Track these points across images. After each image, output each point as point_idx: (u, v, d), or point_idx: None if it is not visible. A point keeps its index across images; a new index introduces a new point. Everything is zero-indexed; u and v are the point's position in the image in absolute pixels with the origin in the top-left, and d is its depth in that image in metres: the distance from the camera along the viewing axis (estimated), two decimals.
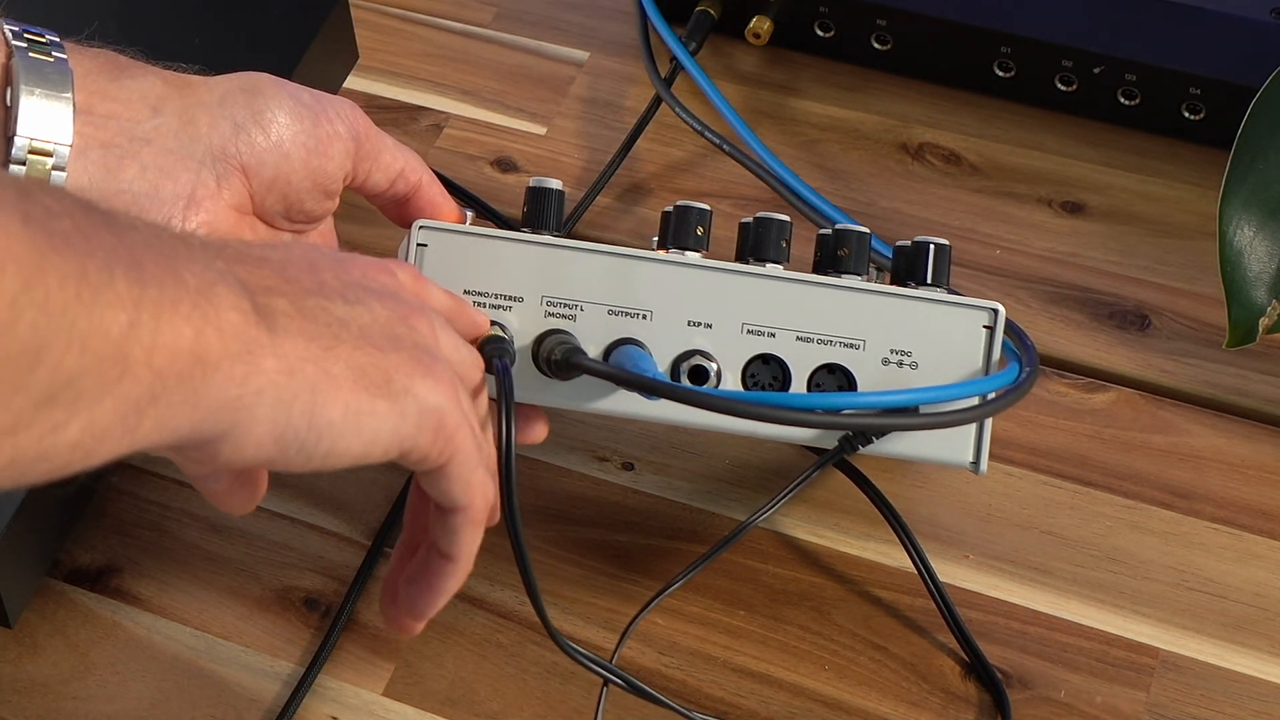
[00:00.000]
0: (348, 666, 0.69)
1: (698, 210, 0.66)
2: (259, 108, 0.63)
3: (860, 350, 0.65)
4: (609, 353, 0.65)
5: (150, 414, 0.45)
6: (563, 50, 0.92)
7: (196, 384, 0.46)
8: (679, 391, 0.61)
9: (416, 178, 0.67)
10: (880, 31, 0.87)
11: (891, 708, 0.67)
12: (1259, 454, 0.74)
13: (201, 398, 0.47)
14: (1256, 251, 0.73)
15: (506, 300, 0.64)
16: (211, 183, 0.61)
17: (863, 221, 0.80)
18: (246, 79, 0.64)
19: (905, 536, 0.70)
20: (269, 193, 0.63)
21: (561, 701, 0.68)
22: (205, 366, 0.46)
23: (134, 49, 0.63)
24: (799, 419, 0.62)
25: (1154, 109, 0.84)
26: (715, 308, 0.65)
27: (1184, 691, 0.68)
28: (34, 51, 0.59)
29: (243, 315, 0.48)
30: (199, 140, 0.62)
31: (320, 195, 0.65)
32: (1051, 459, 0.74)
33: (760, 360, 0.65)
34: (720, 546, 0.70)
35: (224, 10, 0.80)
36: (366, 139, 0.65)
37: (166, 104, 0.62)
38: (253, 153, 0.62)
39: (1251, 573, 0.71)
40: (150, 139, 0.61)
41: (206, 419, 0.47)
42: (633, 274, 0.65)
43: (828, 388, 0.65)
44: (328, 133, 0.64)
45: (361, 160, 0.65)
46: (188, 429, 0.47)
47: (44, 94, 0.58)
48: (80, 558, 0.72)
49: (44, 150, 0.58)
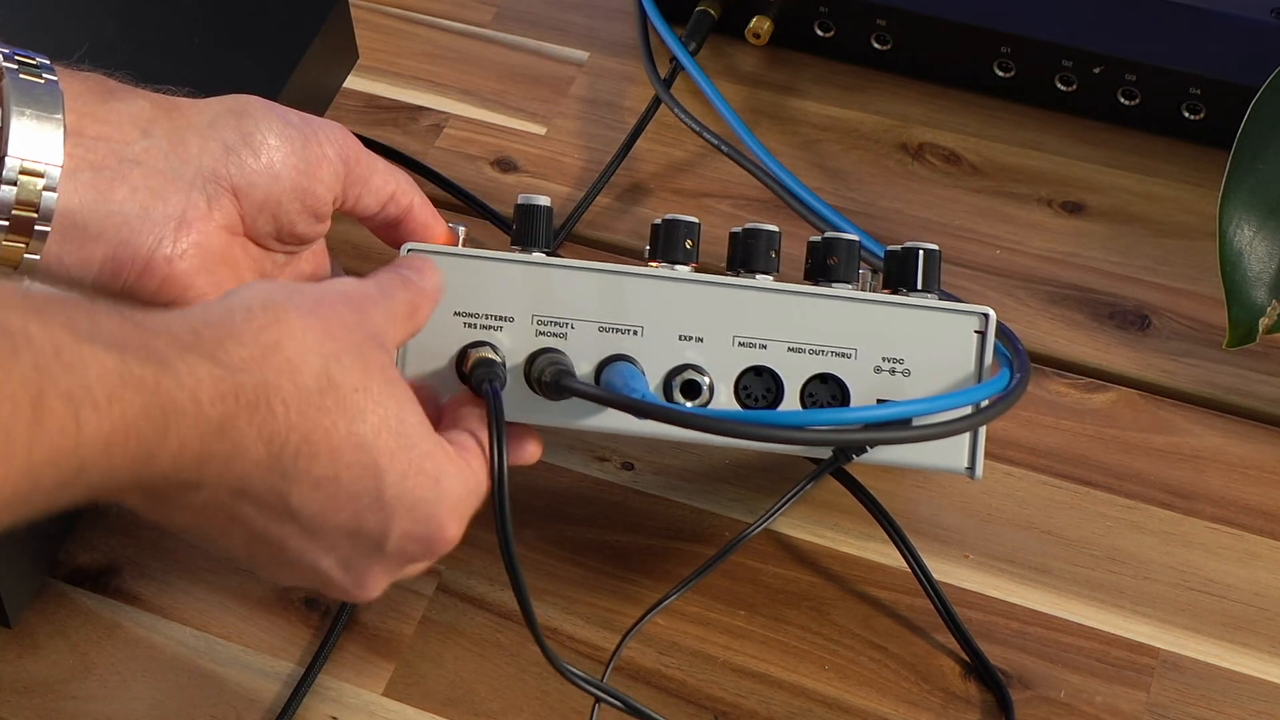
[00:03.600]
0: (348, 666, 0.69)
1: (685, 223, 0.66)
2: (249, 130, 0.63)
3: (852, 359, 0.65)
4: (601, 369, 0.64)
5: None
6: (563, 50, 0.92)
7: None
8: (669, 413, 0.60)
9: (408, 201, 0.67)
10: (880, 31, 0.87)
11: (891, 708, 0.67)
12: (1259, 454, 0.74)
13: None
14: (1256, 251, 0.73)
15: (497, 320, 0.64)
16: (202, 204, 0.61)
17: (862, 221, 0.80)
18: (236, 101, 0.64)
19: (900, 541, 0.70)
20: (260, 214, 0.63)
21: (561, 701, 0.68)
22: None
23: (123, 72, 0.63)
24: (790, 437, 0.61)
25: (1154, 109, 0.84)
26: (706, 321, 0.65)
27: (1184, 691, 0.68)
28: (24, 73, 0.59)
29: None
30: (189, 162, 0.61)
31: (310, 218, 0.65)
32: (1051, 459, 0.74)
33: (753, 372, 0.65)
34: (713, 562, 0.69)
35: (224, 10, 0.80)
36: (356, 163, 0.65)
37: (156, 126, 0.62)
38: (243, 174, 0.62)
39: (1251, 573, 0.71)
40: (140, 161, 0.61)
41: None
42: (622, 290, 0.65)
43: (821, 398, 0.65)
44: (317, 155, 0.64)
45: (351, 184, 0.65)
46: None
47: (34, 115, 0.58)
48: (80, 558, 0.72)
49: (35, 171, 0.58)
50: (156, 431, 0.48)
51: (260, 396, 0.51)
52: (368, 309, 0.58)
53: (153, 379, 0.48)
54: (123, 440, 0.47)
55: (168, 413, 0.48)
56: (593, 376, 0.64)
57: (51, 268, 0.60)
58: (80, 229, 0.59)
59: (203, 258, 0.61)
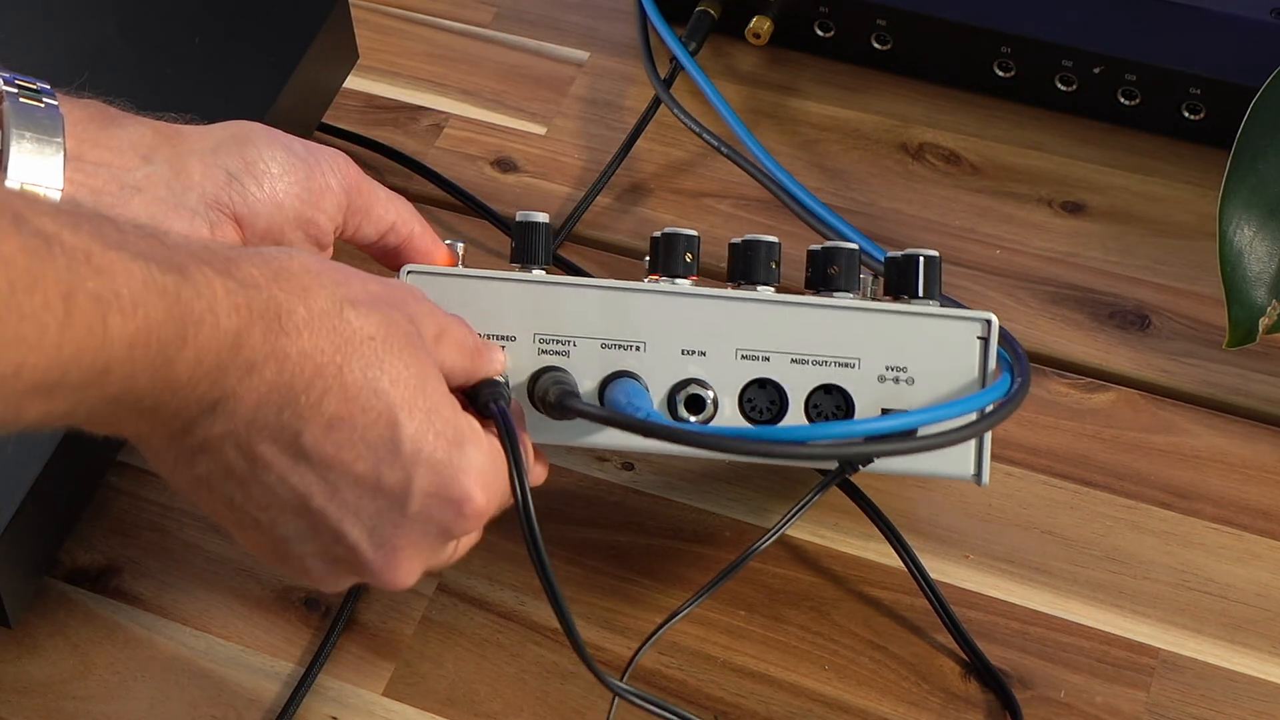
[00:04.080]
0: (348, 666, 0.69)
1: (685, 237, 0.65)
2: (252, 158, 0.63)
3: (855, 369, 0.65)
4: (604, 386, 0.64)
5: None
6: (563, 50, 0.92)
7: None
8: (673, 432, 0.60)
9: (408, 230, 0.67)
10: (880, 31, 0.87)
11: (892, 708, 0.67)
12: (1259, 454, 0.74)
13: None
14: (1256, 251, 0.73)
15: (499, 340, 0.64)
16: (204, 231, 0.61)
17: (862, 221, 0.80)
18: (239, 127, 0.64)
19: (897, 541, 0.70)
20: (262, 242, 0.63)
21: (561, 702, 0.68)
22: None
23: (122, 99, 0.63)
24: (794, 453, 0.61)
25: (1154, 109, 0.84)
26: (708, 335, 0.65)
27: (1184, 691, 0.68)
28: (25, 97, 0.59)
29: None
30: (191, 189, 0.61)
31: (312, 245, 0.65)
32: (1051, 459, 0.74)
33: (757, 385, 0.65)
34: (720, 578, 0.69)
35: (224, 10, 0.80)
36: (358, 193, 0.65)
37: (157, 153, 0.61)
38: (246, 202, 0.62)
39: (1251, 573, 0.71)
40: (141, 187, 0.61)
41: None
42: (624, 306, 0.64)
43: (825, 408, 0.65)
44: (320, 186, 0.64)
45: (352, 214, 0.65)
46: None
47: (34, 138, 0.58)
48: (80, 558, 0.72)
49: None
50: (176, 338, 0.49)
51: (271, 310, 0.52)
52: (406, 298, 0.58)
53: (173, 287, 0.49)
54: (144, 343, 0.48)
55: (186, 321, 0.49)
56: (596, 393, 0.64)
57: None
58: None
59: None
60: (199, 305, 0.49)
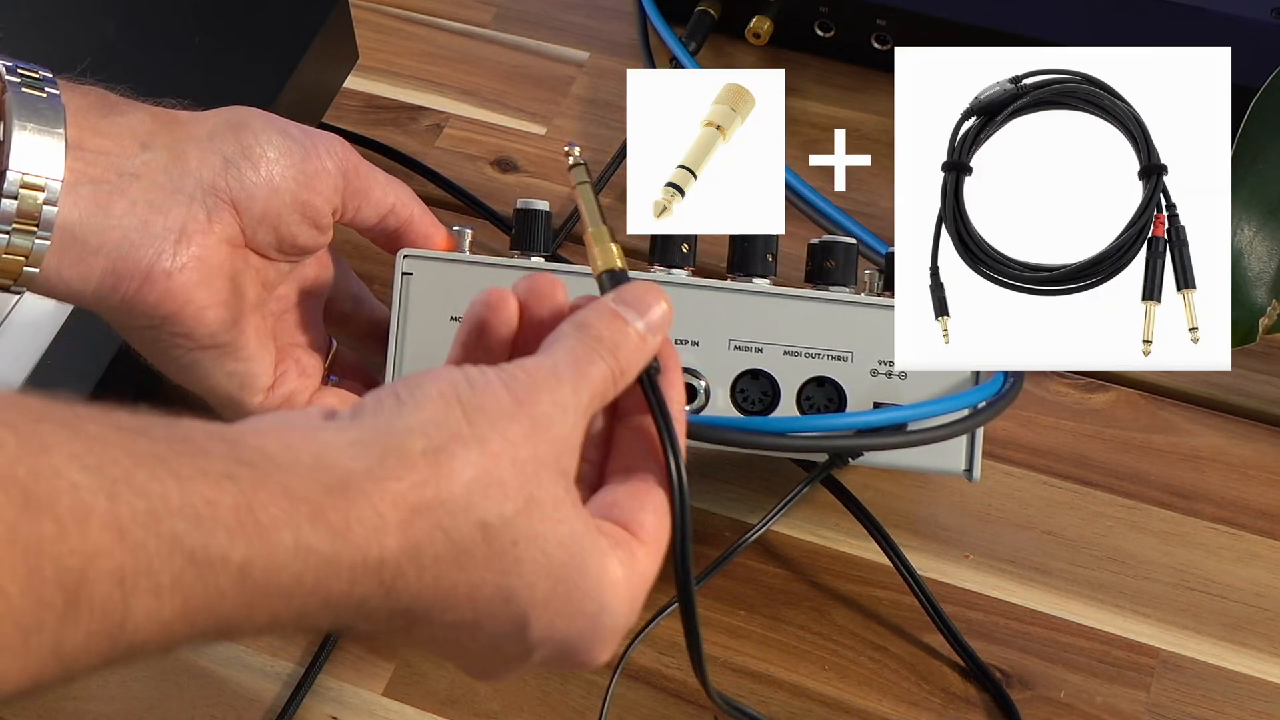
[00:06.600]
0: (348, 666, 0.69)
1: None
2: (248, 142, 0.63)
3: (848, 362, 0.65)
4: None
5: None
6: (563, 50, 0.92)
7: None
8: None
9: (407, 213, 0.67)
10: (880, 31, 0.87)
11: (892, 708, 0.67)
12: (1259, 454, 0.74)
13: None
14: (1256, 251, 0.73)
15: None
16: (202, 217, 0.61)
17: (863, 222, 0.80)
18: (235, 113, 0.64)
19: (884, 540, 0.70)
20: (260, 226, 0.63)
21: (561, 701, 0.68)
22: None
23: (124, 86, 0.63)
24: (782, 444, 0.61)
25: None
26: (702, 325, 0.65)
27: (1184, 691, 0.68)
28: (27, 87, 0.59)
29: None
30: (189, 175, 0.62)
31: (311, 229, 0.65)
32: (1051, 459, 0.74)
33: (749, 375, 0.65)
34: (712, 569, 0.69)
35: (224, 10, 0.80)
36: (355, 176, 0.65)
37: (155, 139, 0.62)
38: (242, 187, 0.62)
39: (1251, 573, 0.71)
40: (139, 174, 0.61)
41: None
42: None
43: (817, 401, 0.65)
44: (316, 168, 0.64)
45: (350, 197, 0.65)
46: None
47: (36, 129, 0.58)
48: None
49: (35, 185, 0.58)
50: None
51: (400, 567, 0.47)
52: (553, 421, 0.50)
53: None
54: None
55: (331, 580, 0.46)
56: None
57: (50, 281, 0.60)
58: (80, 243, 0.60)
59: (202, 270, 0.61)
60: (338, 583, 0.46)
